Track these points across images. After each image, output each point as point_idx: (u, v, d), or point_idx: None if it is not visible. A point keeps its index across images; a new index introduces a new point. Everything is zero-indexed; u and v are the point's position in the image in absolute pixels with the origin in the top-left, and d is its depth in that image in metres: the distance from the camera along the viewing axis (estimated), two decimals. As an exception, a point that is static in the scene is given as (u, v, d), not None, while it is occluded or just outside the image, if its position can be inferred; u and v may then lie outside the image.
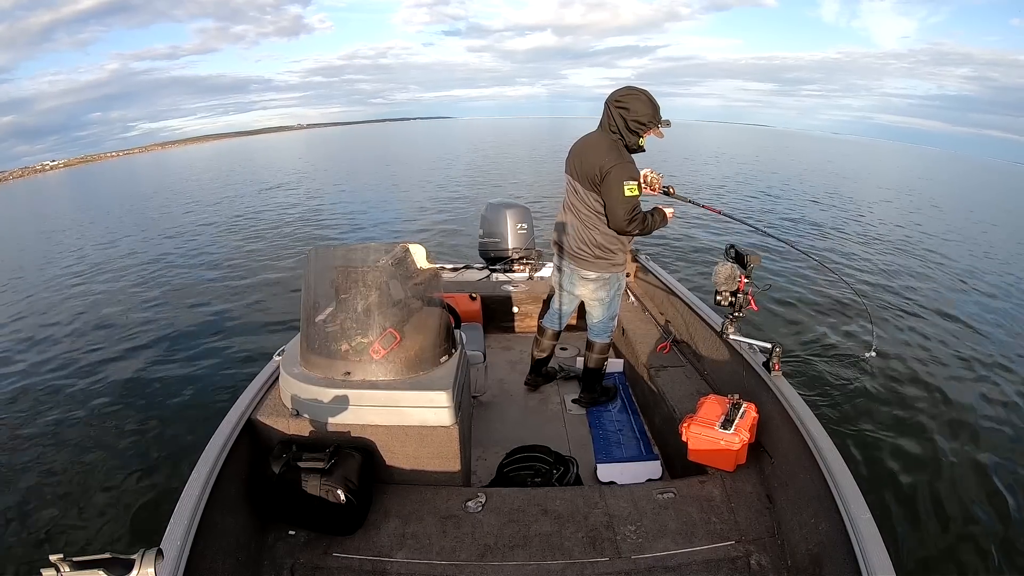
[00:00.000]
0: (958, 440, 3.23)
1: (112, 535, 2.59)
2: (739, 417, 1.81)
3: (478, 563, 1.51)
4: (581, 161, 2.25)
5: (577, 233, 2.36)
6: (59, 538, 2.59)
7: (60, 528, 2.67)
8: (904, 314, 5.37)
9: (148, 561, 0.75)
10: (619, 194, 2.12)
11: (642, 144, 2.22)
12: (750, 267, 2.07)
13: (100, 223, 13.73)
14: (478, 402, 2.75)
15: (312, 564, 1.51)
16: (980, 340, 4.75)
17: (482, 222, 3.95)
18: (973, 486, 2.85)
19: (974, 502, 2.73)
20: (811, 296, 5.77)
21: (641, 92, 2.13)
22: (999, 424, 3.42)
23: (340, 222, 11.13)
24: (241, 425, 1.75)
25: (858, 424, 3.34)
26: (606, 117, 2.19)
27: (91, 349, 5.02)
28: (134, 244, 10.22)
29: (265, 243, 9.31)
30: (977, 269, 7.49)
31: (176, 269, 7.99)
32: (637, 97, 2.12)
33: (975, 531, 2.53)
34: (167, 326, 5.51)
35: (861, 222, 11.00)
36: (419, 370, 1.78)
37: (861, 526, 1.29)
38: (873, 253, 8.14)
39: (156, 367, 4.48)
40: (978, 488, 2.83)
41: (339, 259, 2.05)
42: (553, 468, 2.01)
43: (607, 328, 2.58)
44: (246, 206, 14.12)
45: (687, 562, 1.49)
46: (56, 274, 8.42)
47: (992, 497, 2.76)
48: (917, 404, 3.61)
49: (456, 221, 10.08)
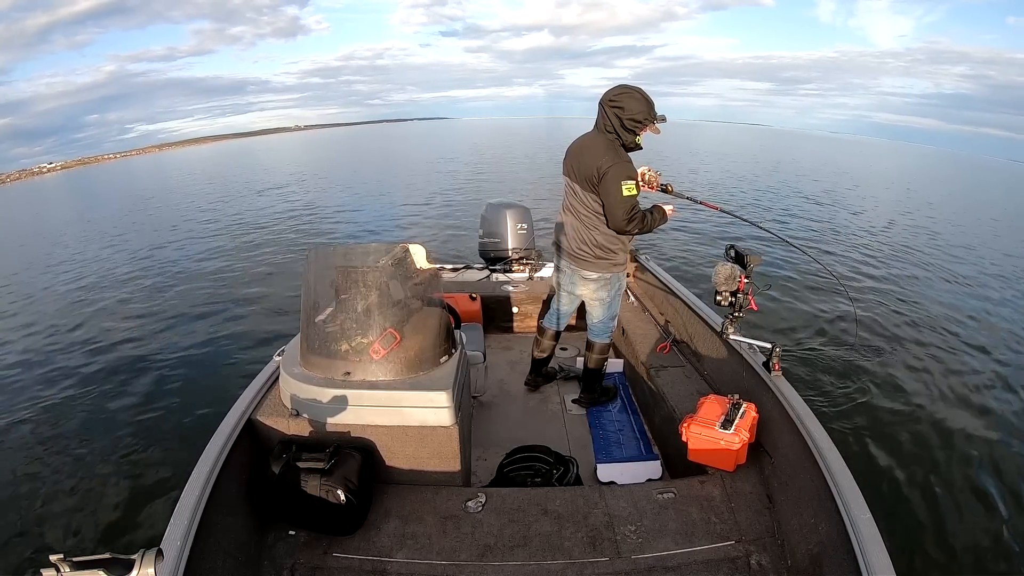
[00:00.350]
0: (958, 440, 3.23)
1: (112, 535, 2.58)
2: (739, 417, 1.81)
3: (478, 563, 1.51)
4: (578, 162, 2.24)
5: (577, 233, 2.36)
6: (59, 538, 2.59)
7: (60, 528, 2.67)
8: (905, 314, 5.37)
9: (148, 561, 0.75)
10: (617, 194, 2.12)
11: (639, 142, 2.21)
12: (750, 267, 2.08)
13: (100, 225, 13.74)
14: (478, 402, 2.75)
15: (312, 564, 1.51)
16: (981, 340, 4.75)
17: (482, 222, 3.95)
18: (973, 486, 2.85)
19: (974, 502, 2.73)
20: (811, 296, 5.77)
21: (635, 90, 2.13)
22: (999, 424, 3.42)
23: (341, 222, 11.14)
24: (241, 425, 1.75)
25: (858, 424, 3.33)
26: (601, 117, 2.19)
27: (91, 350, 5.01)
28: (134, 245, 10.22)
29: (265, 243, 9.31)
30: (980, 272, 7.49)
31: (176, 270, 7.99)
32: (631, 95, 2.11)
33: (975, 531, 2.53)
34: (167, 326, 5.51)
35: (862, 222, 11.02)
36: (419, 370, 1.78)
37: (861, 526, 1.28)
38: (874, 253, 8.14)
39: (156, 367, 4.48)
40: (978, 488, 2.83)
41: (339, 259, 2.05)
42: (553, 468, 2.01)
43: (607, 328, 2.58)
44: (246, 207, 14.12)
45: (687, 562, 1.49)
46: (57, 274, 8.43)
47: (992, 497, 2.76)
48: (918, 404, 3.61)
49: (456, 221, 10.08)
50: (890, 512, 2.61)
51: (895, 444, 3.16)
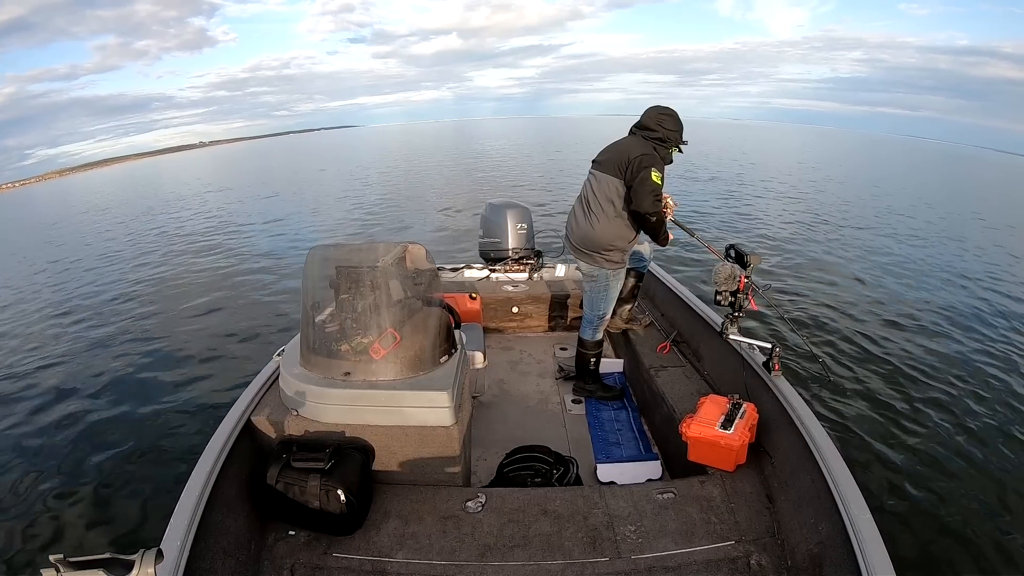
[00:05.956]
0: (959, 439, 3.22)
1: (112, 535, 2.58)
2: (739, 417, 1.81)
3: (478, 563, 1.51)
4: (613, 152, 2.39)
5: (580, 226, 2.46)
6: (59, 538, 2.59)
7: (60, 528, 2.67)
8: (905, 313, 5.36)
9: (148, 561, 0.75)
10: (647, 177, 2.24)
11: (672, 155, 2.38)
12: (750, 267, 2.08)
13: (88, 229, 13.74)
14: (478, 402, 2.74)
15: (312, 564, 1.51)
16: (981, 340, 4.74)
17: (482, 222, 3.95)
18: (974, 486, 2.84)
19: (975, 502, 2.73)
20: (812, 295, 5.76)
21: (674, 111, 2.36)
22: (1000, 423, 3.41)
23: (341, 223, 11.14)
24: (241, 425, 1.75)
25: (858, 424, 3.33)
26: (643, 128, 2.35)
27: (91, 351, 5.02)
28: (135, 246, 10.24)
29: (266, 244, 9.32)
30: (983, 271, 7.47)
31: (176, 270, 8.01)
32: (673, 117, 2.35)
33: (975, 531, 2.53)
34: (167, 327, 5.52)
35: (823, 212, 11.19)
36: (419, 370, 1.78)
37: (861, 526, 1.29)
38: (866, 249, 8.11)
39: (156, 367, 4.48)
40: (979, 488, 2.82)
41: (339, 259, 2.05)
42: (553, 468, 2.00)
43: (590, 323, 2.64)
44: (247, 208, 14.10)
45: (687, 562, 1.48)
46: (58, 275, 8.45)
47: (992, 497, 2.76)
48: (918, 404, 3.61)
49: (455, 221, 10.09)
50: (890, 512, 2.61)
51: (895, 444, 3.16)
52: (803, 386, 3.58)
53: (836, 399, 3.59)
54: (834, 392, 3.67)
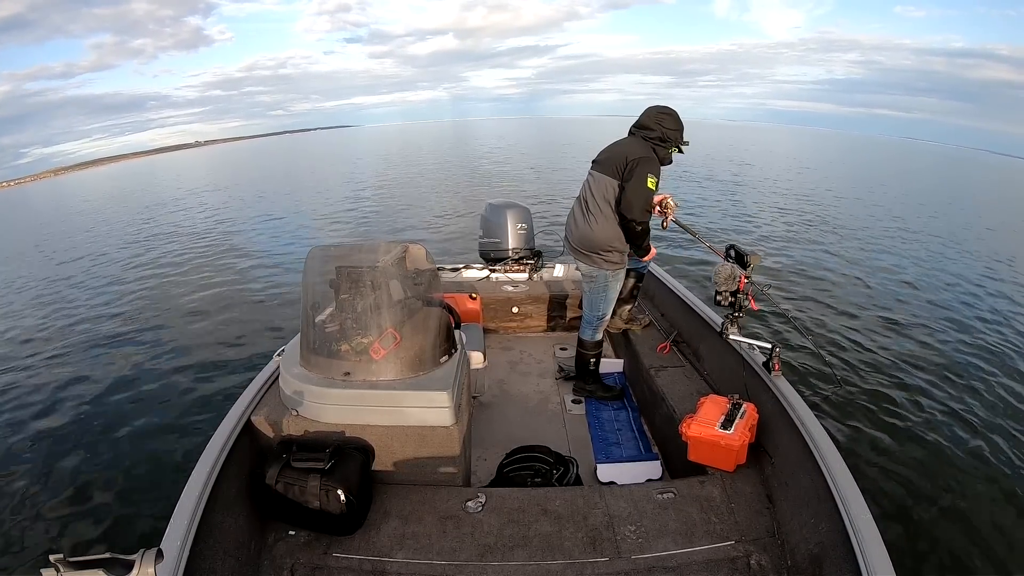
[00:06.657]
0: (959, 439, 3.23)
1: (112, 535, 2.58)
2: (739, 417, 1.81)
3: (478, 563, 1.51)
4: (612, 152, 2.39)
5: (579, 227, 2.46)
6: (59, 538, 2.59)
7: (60, 528, 2.66)
8: (906, 313, 5.37)
9: (148, 561, 0.75)
10: (640, 182, 2.23)
11: (671, 155, 2.37)
12: (750, 267, 2.08)
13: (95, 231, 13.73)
14: (478, 402, 2.74)
15: (312, 564, 1.51)
16: (982, 340, 4.74)
17: (482, 222, 3.95)
18: (974, 486, 2.84)
19: (975, 502, 2.73)
20: (812, 296, 5.77)
21: (674, 111, 2.34)
22: (1000, 423, 3.41)
23: (342, 223, 11.14)
24: (241, 425, 1.75)
25: (858, 424, 3.33)
26: (643, 128, 2.34)
27: (91, 350, 5.02)
28: (134, 247, 10.23)
29: (266, 244, 9.32)
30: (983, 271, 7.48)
31: (175, 270, 8.00)
32: (673, 116, 2.33)
33: (975, 531, 2.53)
34: (166, 327, 5.51)
35: (821, 213, 11.17)
36: (419, 370, 1.78)
37: (861, 526, 1.29)
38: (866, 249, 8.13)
39: (156, 367, 4.48)
40: (979, 488, 2.83)
41: (339, 259, 2.05)
42: (553, 468, 2.00)
43: (590, 323, 2.64)
44: (246, 207, 14.10)
45: (687, 562, 1.48)
46: (57, 276, 8.44)
47: (992, 497, 2.76)
48: (918, 404, 3.61)
49: (455, 221, 10.09)
50: (890, 512, 2.61)
51: (896, 444, 3.16)
52: (803, 386, 3.59)
53: (836, 399, 3.59)
54: (834, 392, 3.67)
